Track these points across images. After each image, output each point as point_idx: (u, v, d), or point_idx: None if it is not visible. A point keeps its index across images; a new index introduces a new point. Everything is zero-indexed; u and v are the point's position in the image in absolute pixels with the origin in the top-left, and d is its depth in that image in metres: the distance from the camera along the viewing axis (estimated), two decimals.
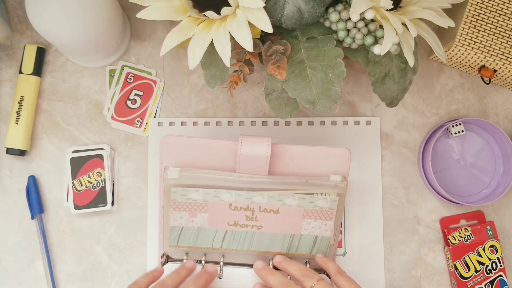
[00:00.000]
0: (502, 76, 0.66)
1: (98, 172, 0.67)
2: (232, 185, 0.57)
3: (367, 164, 0.68)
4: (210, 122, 0.68)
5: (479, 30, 0.63)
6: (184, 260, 0.60)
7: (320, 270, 0.60)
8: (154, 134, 0.68)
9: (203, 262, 0.60)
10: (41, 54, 0.67)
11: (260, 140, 0.56)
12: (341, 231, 0.67)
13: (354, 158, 0.68)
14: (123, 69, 0.69)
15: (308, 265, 0.60)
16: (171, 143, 0.57)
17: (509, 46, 0.63)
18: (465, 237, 0.67)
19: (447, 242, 0.67)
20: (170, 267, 0.59)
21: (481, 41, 0.63)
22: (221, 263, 0.60)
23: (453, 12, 0.65)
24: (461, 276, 0.66)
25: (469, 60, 0.65)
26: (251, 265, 0.61)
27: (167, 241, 0.60)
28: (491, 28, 0.63)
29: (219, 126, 0.68)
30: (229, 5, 0.50)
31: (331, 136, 0.68)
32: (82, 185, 0.66)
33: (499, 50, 0.62)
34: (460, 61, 0.66)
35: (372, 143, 0.68)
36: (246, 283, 0.62)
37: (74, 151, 0.67)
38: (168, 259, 0.61)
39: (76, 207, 0.66)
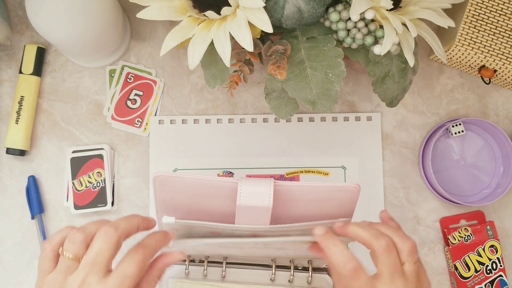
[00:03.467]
0: (502, 76, 0.66)
1: (98, 172, 0.67)
2: (230, 234, 0.53)
3: (368, 160, 0.68)
4: (211, 120, 0.68)
5: (479, 30, 0.63)
6: (186, 262, 0.60)
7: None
8: (155, 133, 0.68)
9: (205, 262, 0.60)
10: (41, 54, 0.67)
11: (261, 190, 0.50)
12: None
13: (355, 154, 0.68)
14: (123, 69, 0.69)
15: (310, 266, 0.60)
16: (163, 181, 0.51)
17: (509, 46, 0.63)
18: (465, 237, 0.67)
19: (447, 242, 0.67)
20: (172, 267, 0.59)
21: (481, 41, 0.63)
22: (224, 264, 0.60)
23: (453, 12, 0.65)
24: (461, 276, 0.66)
25: (469, 60, 0.65)
26: (254, 264, 0.61)
27: None
28: (491, 28, 0.63)
29: (220, 124, 0.68)
30: (229, 5, 0.50)
31: (332, 133, 0.68)
32: (82, 185, 0.66)
33: (499, 50, 0.62)
34: (460, 61, 0.66)
35: (373, 139, 0.68)
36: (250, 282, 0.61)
37: (74, 151, 0.67)
38: None
39: (76, 207, 0.66)
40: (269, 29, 0.49)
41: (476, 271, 0.66)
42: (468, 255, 0.66)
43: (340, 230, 0.48)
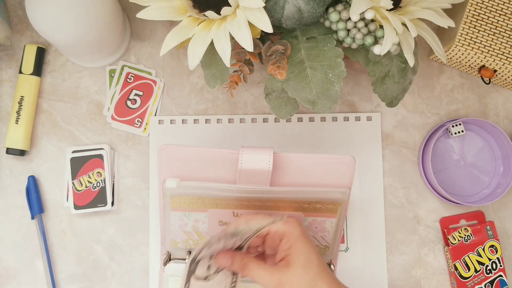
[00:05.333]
0: (502, 76, 0.66)
1: (98, 172, 0.67)
2: (232, 196, 0.56)
3: (368, 160, 0.68)
4: (211, 120, 0.68)
5: (479, 30, 0.63)
6: (186, 260, 0.60)
7: None
8: (155, 132, 0.68)
9: None
10: (41, 54, 0.67)
11: (261, 153, 0.54)
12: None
13: (355, 154, 0.67)
14: (123, 69, 0.69)
15: None
16: (169, 152, 0.55)
17: (509, 46, 0.63)
18: (465, 237, 0.67)
19: (447, 242, 0.67)
20: (172, 266, 0.59)
21: (481, 41, 0.63)
22: None
23: (453, 12, 0.65)
24: (461, 276, 0.66)
25: (469, 60, 0.65)
26: None
27: (169, 240, 0.60)
28: (491, 28, 0.63)
29: (220, 124, 0.68)
30: (229, 5, 0.50)
31: (332, 133, 0.68)
32: (82, 185, 0.66)
33: (499, 50, 0.63)
34: (460, 61, 0.66)
35: (373, 139, 0.68)
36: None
37: (74, 151, 0.67)
38: (170, 258, 0.61)
39: (76, 207, 0.66)
40: (269, 29, 0.49)
41: (476, 271, 0.66)
42: (468, 255, 0.66)
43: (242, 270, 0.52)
